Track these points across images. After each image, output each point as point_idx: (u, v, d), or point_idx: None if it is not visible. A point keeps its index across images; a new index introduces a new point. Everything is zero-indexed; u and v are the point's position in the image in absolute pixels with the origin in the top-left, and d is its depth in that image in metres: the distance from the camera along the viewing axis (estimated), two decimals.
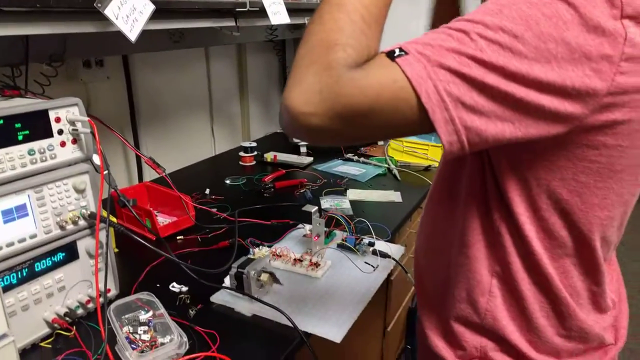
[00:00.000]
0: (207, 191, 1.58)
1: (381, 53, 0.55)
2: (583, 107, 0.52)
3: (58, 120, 0.85)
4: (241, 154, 1.91)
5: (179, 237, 1.27)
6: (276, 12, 1.36)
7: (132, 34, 0.94)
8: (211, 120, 2.04)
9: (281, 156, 1.92)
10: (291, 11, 1.41)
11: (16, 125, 0.79)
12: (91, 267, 0.92)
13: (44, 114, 0.83)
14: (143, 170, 1.67)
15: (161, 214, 1.39)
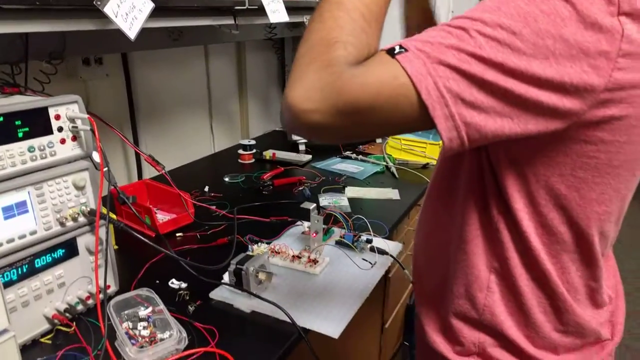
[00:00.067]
0: (206, 189, 1.59)
1: (381, 50, 0.56)
2: (581, 103, 0.52)
3: (58, 117, 0.85)
4: (240, 151, 1.91)
5: (178, 234, 1.27)
6: (275, 10, 1.36)
7: (131, 32, 0.94)
8: (210, 118, 2.04)
9: (280, 154, 1.93)
10: (290, 9, 1.41)
11: (16, 123, 0.80)
12: (91, 263, 0.93)
13: (44, 111, 0.83)
14: (142, 167, 1.67)
15: (160, 211, 1.39)
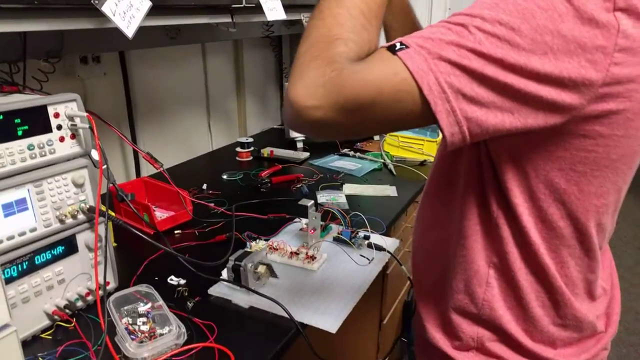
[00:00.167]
0: (204, 186, 1.59)
1: (382, 47, 0.57)
2: (580, 98, 0.53)
3: (57, 115, 0.86)
4: (238, 149, 1.92)
5: (177, 231, 1.28)
6: (272, 8, 1.37)
7: (129, 31, 0.94)
8: (208, 116, 2.05)
9: (278, 151, 1.93)
10: (287, 7, 1.41)
11: (16, 121, 0.80)
12: (90, 260, 0.93)
13: (43, 110, 0.84)
14: (140, 165, 1.68)
15: (159, 208, 1.40)
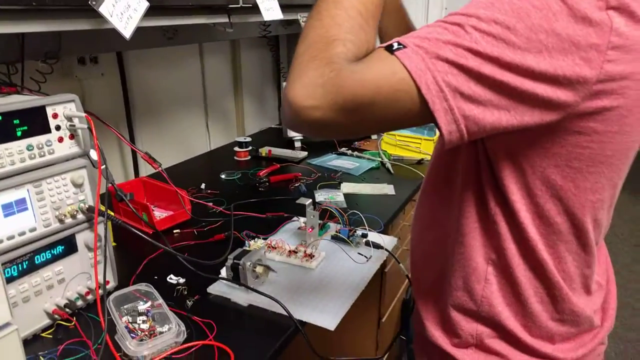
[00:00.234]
0: (202, 186, 1.60)
1: (380, 47, 0.57)
2: (575, 95, 0.54)
3: (55, 116, 0.86)
4: (236, 149, 1.92)
5: (176, 231, 1.29)
6: (269, 8, 1.37)
7: (126, 31, 0.95)
8: (206, 116, 2.05)
9: (276, 151, 1.94)
10: (284, 7, 1.42)
11: (15, 122, 0.81)
12: (90, 259, 0.94)
13: (42, 110, 0.85)
14: (139, 165, 1.68)
15: (158, 208, 1.41)
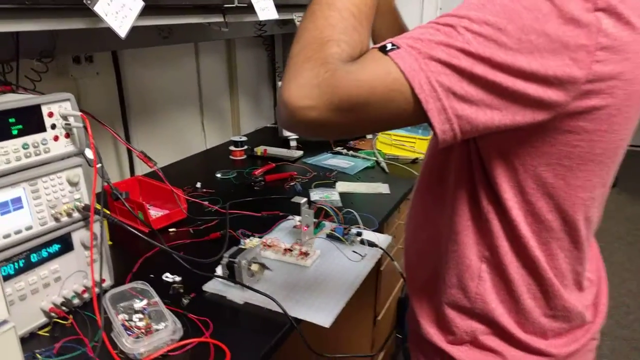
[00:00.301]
0: (198, 185, 1.60)
1: (373, 48, 0.58)
2: (565, 95, 0.55)
3: (51, 115, 0.87)
4: (232, 148, 1.93)
5: (171, 229, 1.29)
6: (264, 7, 1.38)
7: (121, 31, 0.95)
8: (201, 115, 2.05)
9: (271, 150, 1.95)
10: (279, 7, 1.43)
11: (10, 120, 0.81)
12: (86, 258, 0.94)
13: (37, 109, 0.85)
14: (134, 164, 1.69)
15: (153, 207, 1.41)
